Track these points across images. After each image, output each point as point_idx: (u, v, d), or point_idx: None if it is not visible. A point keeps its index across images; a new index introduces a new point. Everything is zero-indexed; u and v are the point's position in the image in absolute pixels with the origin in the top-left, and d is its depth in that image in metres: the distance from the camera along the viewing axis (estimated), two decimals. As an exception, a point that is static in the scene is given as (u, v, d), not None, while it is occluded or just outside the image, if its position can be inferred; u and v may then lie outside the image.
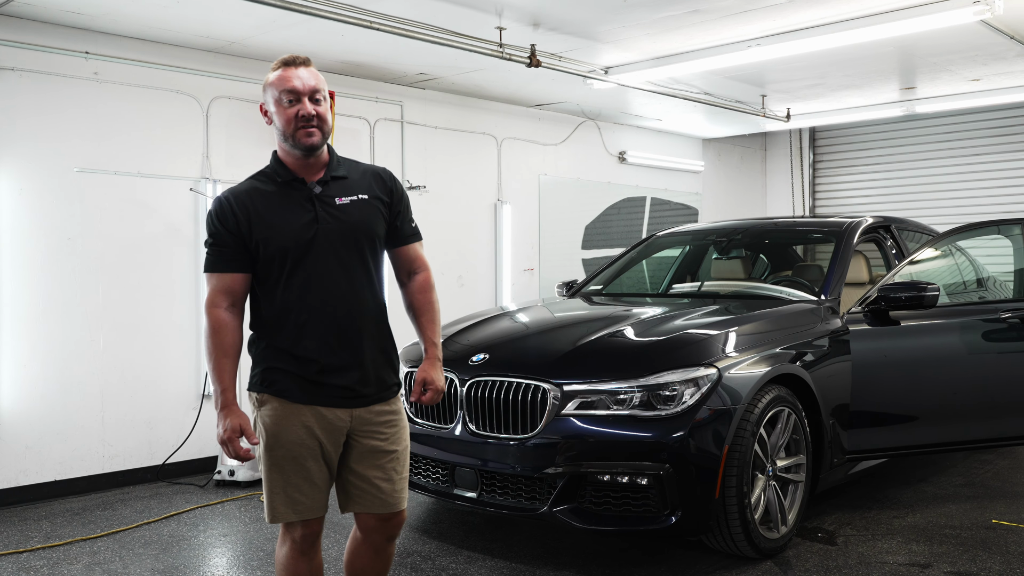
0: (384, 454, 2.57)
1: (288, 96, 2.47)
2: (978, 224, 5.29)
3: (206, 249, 2.55)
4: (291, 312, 2.49)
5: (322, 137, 2.51)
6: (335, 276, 2.50)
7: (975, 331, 4.89)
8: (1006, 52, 6.04)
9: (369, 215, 2.57)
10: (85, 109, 5.24)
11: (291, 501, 2.51)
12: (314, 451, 2.51)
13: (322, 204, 2.52)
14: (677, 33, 5.44)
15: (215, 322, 2.48)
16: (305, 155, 2.52)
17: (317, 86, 2.51)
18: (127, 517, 4.74)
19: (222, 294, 2.50)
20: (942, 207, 9.16)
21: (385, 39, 5.31)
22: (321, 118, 2.50)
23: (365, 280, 2.56)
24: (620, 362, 3.88)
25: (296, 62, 2.53)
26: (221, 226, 2.50)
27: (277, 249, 2.47)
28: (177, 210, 5.63)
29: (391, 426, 2.60)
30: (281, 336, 2.51)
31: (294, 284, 2.49)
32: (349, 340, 2.52)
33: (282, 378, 2.50)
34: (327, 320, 2.49)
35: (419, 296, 2.71)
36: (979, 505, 4.80)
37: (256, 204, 2.50)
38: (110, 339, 5.32)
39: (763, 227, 5.99)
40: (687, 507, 3.61)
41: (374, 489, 2.57)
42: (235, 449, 2.44)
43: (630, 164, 8.99)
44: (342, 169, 2.61)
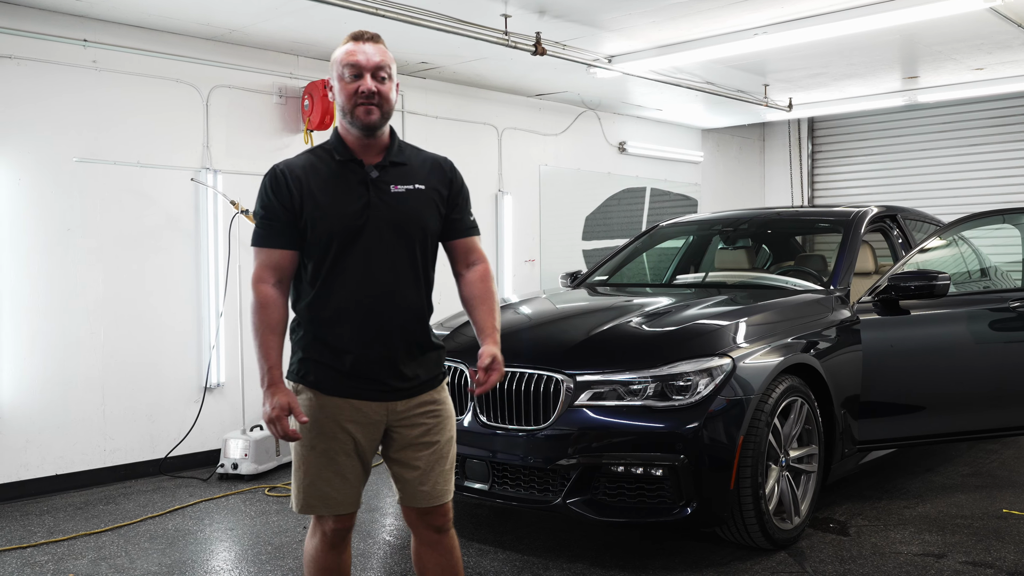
0: (424, 446, 2.49)
1: (351, 71, 2.37)
2: (985, 213, 5.26)
3: (255, 222, 2.45)
4: (331, 298, 2.40)
5: (382, 116, 2.40)
6: (380, 266, 2.40)
7: (985, 321, 4.86)
8: (1012, 40, 6.01)
9: (423, 207, 2.47)
10: (84, 98, 5.16)
11: (321, 495, 2.45)
12: (346, 445, 2.43)
13: (376, 190, 2.42)
14: (682, 21, 5.39)
15: (261, 297, 2.38)
16: (364, 134, 2.42)
17: (382, 63, 2.39)
18: (130, 511, 4.68)
19: (269, 269, 2.40)
20: (941, 197, 9.15)
21: (388, 27, 5.23)
22: (383, 96, 2.39)
23: (410, 273, 2.45)
24: (633, 352, 3.84)
25: (364, 37, 2.42)
26: (275, 198, 2.40)
27: (324, 232, 2.37)
28: (177, 201, 5.56)
29: (432, 416, 2.50)
30: (319, 322, 2.41)
31: (337, 270, 2.39)
32: (386, 333, 2.42)
33: (316, 369, 2.43)
34: (366, 311, 2.40)
35: (478, 284, 2.59)
36: (988, 495, 4.79)
37: (310, 180, 2.40)
38: (110, 331, 5.26)
39: (768, 217, 5.96)
40: (702, 498, 3.58)
41: (414, 481, 2.49)
42: (283, 428, 2.32)
43: (630, 154, 8.94)
44: (403, 155, 2.50)
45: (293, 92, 6.11)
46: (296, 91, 6.11)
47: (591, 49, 6.04)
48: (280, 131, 6.06)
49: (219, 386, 5.70)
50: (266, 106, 6.00)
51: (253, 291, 2.40)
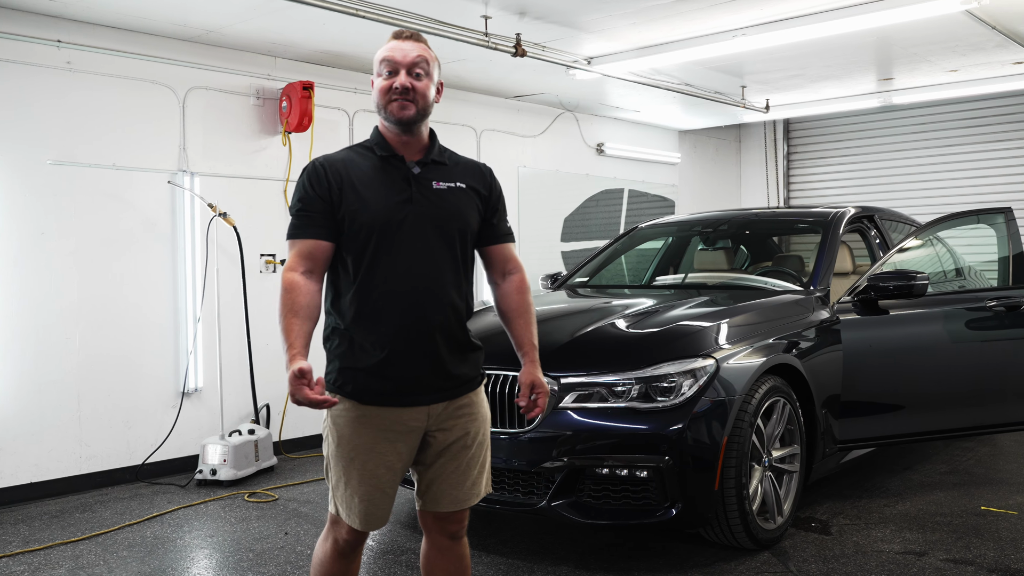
0: (460, 450, 2.45)
1: (386, 67, 2.36)
2: (960, 214, 5.32)
3: (292, 214, 2.39)
4: (372, 292, 2.33)
5: (417, 112, 2.36)
6: (421, 262, 2.35)
7: (962, 320, 4.92)
8: (986, 43, 6.08)
9: (466, 205, 2.45)
10: (58, 99, 5.08)
11: (363, 512, 2.39)
12: (387, 458, 2.37)
13: (419, 185, 2.39)
14: (662, 23, 5.40)
15: (287, 282, 2.29)
16: (401, 129, 2.39)
17: (419, 59, 2.37)
18: (108, 519, 4.61)
19: (300, 258, 2.32)
20: (916, 198, 9.25)
21: (366, 28, 5.21)
22: (418, 92, 2.35)
23: (451, 271, 2.41)
24: (617, 354, 3.84)
25: (404, 35, 2.42)
26: (312, 190, 2.35)
27: (364, 224, 2.32)
28: (153, 203, 5.49)
29: (469, 419, 2.46)
30: (356, 323, 2.34)
31: (377, 264, 2.33)
32: (428, 330, 2.36)
33: (355, 378, 2.36)
34: (407, 305, 2.34)
35: (516, 297, 2.56)
36: (966, 492, 4.83)
37: (351, 174, 2.37)
38: (86, 336, 5.18)
39: (748, 218, 5.99)
40: (687, 499, 3.58)
41: (444, 486, 2.45)
42: (304, 396, 2.12)
43: (608, 156, 8.96)
44: (443, 156, 2.49)
45: (271, 94, 6.05)
46: (274, 93, 6.06)
47: (570, 51, 6.04)
48: (258, 133, 6.01)
49: (197, 391, 5.64)
50: (243, 108, 5.94)
51: (282, 278, 2.32)
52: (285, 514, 4.63)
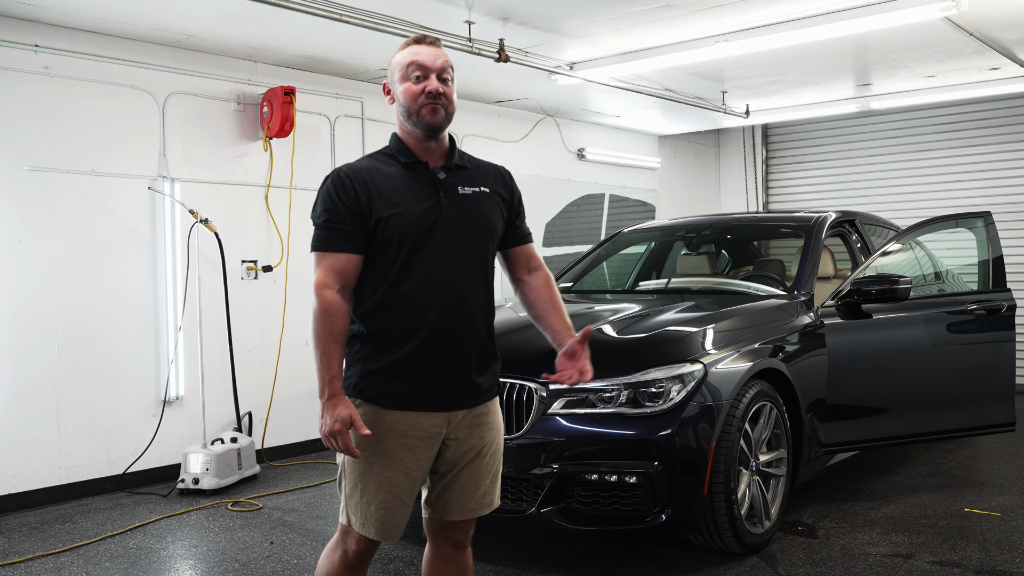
0: (476, 458, 2.42)
1: (416, 71, 2.35)
2: (941, 218, 5.37)
3: (316, 226, 2.34)
4: (399, 302, 2.31)
5: (446, 117, 2.37)
6: (451, 268, 2.34)
7: (943, 323, 4.97)
8: (963, 49, 6.14)
9: (491, 208, 2.45)
10: (35, 105, 5.01)
11: (379, 521, 2.35)
12: (406, 465, 2.33)
13: (445, 191, 2.38)
14: (645, 28, 5.41)
15: (326, 304, 2.26)
16: (427, 135, 2.38)
17: (446, 64, 2.38)
18: (89, 530, 4.54)
19: (334, 274, 2.29)
20: (892, 202, 9.32)
21: (348, 33, 5.18)
22: (448, 98, 2.36)
23: (479, 275, 2.40)
24: (605, 359, 3.80)
25: (426, 40, 2.41)
26: (340, 201, 2.31)
27: (396, 231, 2.30)
28: (133, 210, 5.42)
29: (486, 428, 2.44)
30: (384, 329, 2.32)
31: (409, 271, 2.31)
32: (459, 337, 2.35)
33: (378, 382, 2.33)
34: (439, 313, 2.31)
35: (546, 289, 2.56)
36: (949, 494, 4.88)
37: (377, 181, 2.34)
38: (65, 345, 5.10)
39: (730, 223, 6.01)
40: (676, 504, 3.58)
41: (456, 495, 2.42)
42: (344, 443, 2.22)
43: (589, 161, 8.97)
44: (464, 160, 2.48)
45: (251, 99, 6.01)
46: (254, 98, 6.01)
47: (553, 56, 6.04)
48: (238, 138, 5.95)
49: (178, 399, 5.57)
50: (224, 113, 5.89)
51: (317, 297, 2.27)
52: (270, 523, 4.59)
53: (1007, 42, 6.06)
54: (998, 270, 5.19)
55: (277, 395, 6.07)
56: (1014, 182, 8.64)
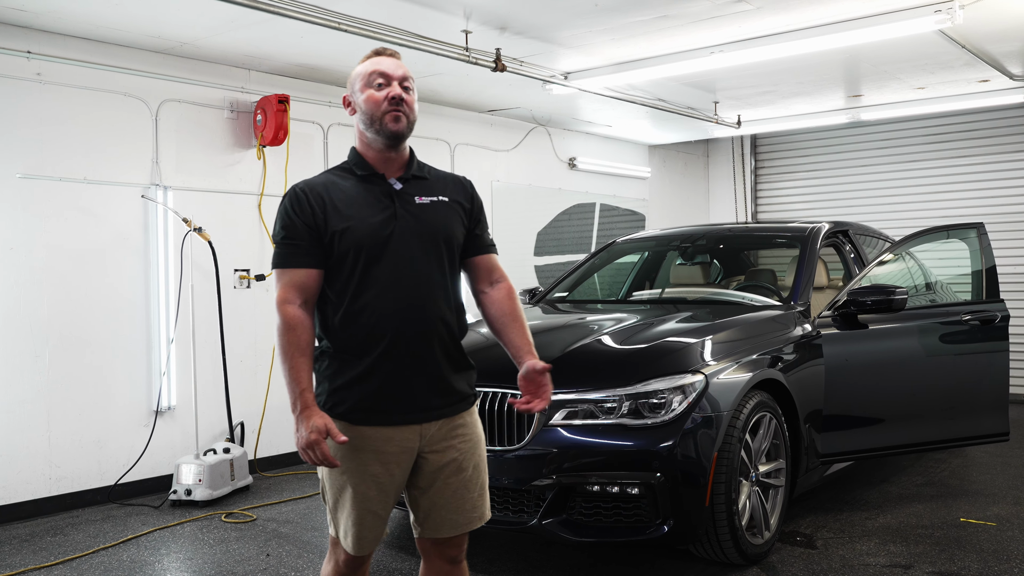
0: (454, 472, 2.40)
1: (378, 78, 2.36)
2: (934, 229, 5.41)
3: (276, 243, 2.36)
4: (362, 313, 2.31)
5: (407, 125, 2.38)
6: (409, 278, 2.34)
7: (939, 334, 4.99)
8: (954, 61, 6.20)
9: (450, 218, 2.43)
10: (27, 112, 4.95)
11: (357, 536, 2.36)
12: (380, 479, 2.33)
13: (402, 201, 2.38)
14: (642, 39, 5.43)
15: (289, 318, 2.28)
16: (388, 144, 2.38)
17: (407, 75, 2.41)
18: (81, 542, 4.48)
19: (294, 290, 2.31)
20: (880, 212, 9.38)
21: (344, 42, 5.16)
22: (409, 106, 2.38)
23: (440, 285, 2.38)
24: (606, 370, 3.82)
25: (386, 52, 2.45)
26: (297, 217, 2.33)
27: (352, 244, 2.31)
28: (125, 218, 5.37)
29: (463, 440, 2.42)
30: (346, 342, 2.33)
31: (366, 283, 2.31)
32: (420, 347, 2.33)
33: (346, 399, 2.33)
34: (398, 323, 2.31)
35: (507, 302, 2.52)
36: (944, 504, 4.89)
37: (332, 196, 2.36)
38: (56, 354, 5.04)
39: (725, 233, 6.02)
40: (678, 516, 3.57)
41: (440, 510, 2.41)
42: (322, 453, 2.22)
43: (580, 170, 8.98)
44: (422, 171, 2.48)
45: (245, 107, 5.97)
46: (248, 106, 5.98)
47: (548, 65, 6.04)
48: (232, 146, 5.92)
49: (170, 409, 5.52)
50: (217, 121, 5.85)
51: (279, 313, 2.29)
52: (265, 535, 4.54)
53: (997, 54, 6.12)
54: (991, 281, 5.22)
55: (270, 405, 6.02)
56: (1002, 193, 8.72)
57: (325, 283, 2.36)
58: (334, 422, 2.30)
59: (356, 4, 4.62)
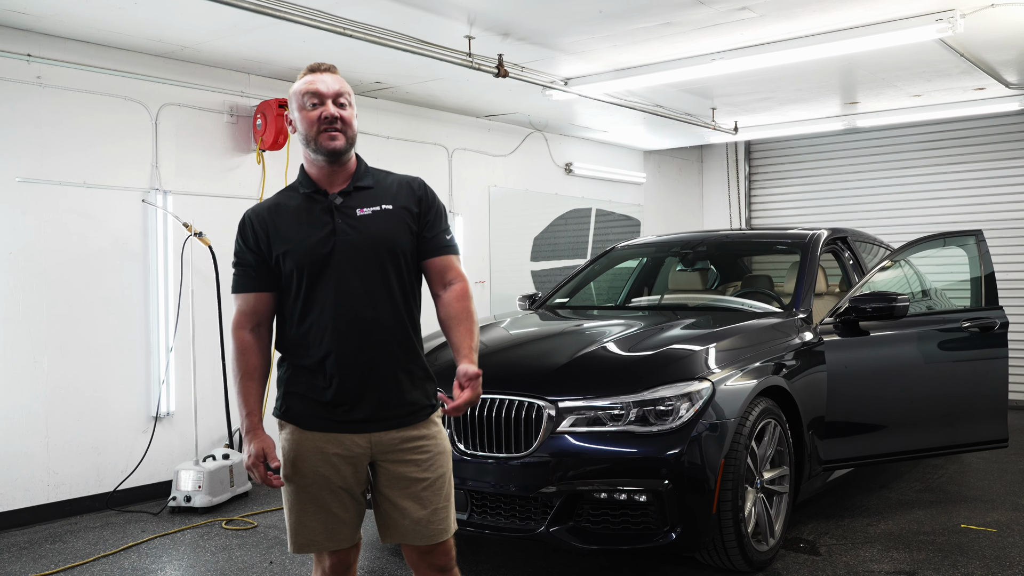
0: (415, 481, 2.41)
1: (311, 99, 2.37)
2: (934, 236, 5.43)
3: (232, 268, 2.45)
4: (308, 331, 2.38)
5: (346, 142, 2.38)
6: (352, 292, 2.36)
7: (939, 341, 5.01)
8: (952, 69, 6.24)
9: (391, 226, 2.42)
10: (27, 115, 4.92)
11: (308, 533, 2.41)
12: (330, 481, 2.38)
13: (341, 216, 2.39)
14: (643, 45, 5.44)
15: (239, 343, 2.41)
16: (329, 160, 2.39)
17: (341, 90, 2.41)
18: (81, 550, 4.44)
19: (246, 315, 2.43)
20: (874, 219, 9.43)
21: (346, 47, 5.15)
22: (345, 122, 2.38)
23: (386, 296, 2.39)
24: (612, 378, 3.82)
25: (321, 68, 2.44)
26: (243, 244, 2.44)
27: (293, 265, 2.37)
28: (125, 222, 5.34)
29: (422, 452, 2.42)
30: (299, 356, 2.41)
31: (311, 301, 2.37)
32: (366, 360, 2.36)
33: (297, 403, 2.41)
34: (341, 339, 2.35)
35: (455, 304, 2.46)
36: (944, 510, 4.91)
37: (276, 219, 2.42)
38: (55, 359, 5.00)
39: (725, 239, 6.04)
40: (686, 523, 3.57)
41: (405, 519, 2.41)
42: (260, 475, 2.36)
43: (576, 176, 8.99)
44: (368, 179, 2.47)
45: (244, 111, 5.95)
46: (247, 110, 5.96)
47: (548, 71, 6.05)
48: (231, 151, 5.89)
49: (169, 415, 5.48)
50: (216, 125, 5.83)
51: (232, 337, 2.43)
52: (267, 542, 4.52)
53: (994, 63, 6.17)
54: (990, 288, 5.25)
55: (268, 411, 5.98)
56: (997, 200, 8.77)
57: (279, 304, 2.44)
58: (286, 425, 2.42)
59: (360, 9, 4.62)
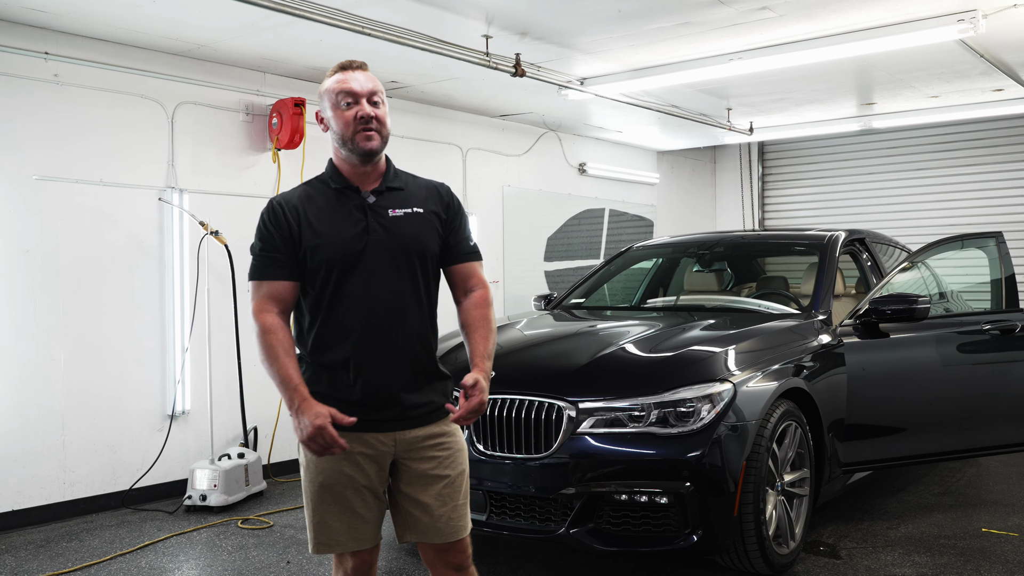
0: (435, 479, 2.40)
1: (346, 98, 2.35)
2: (953, 238, 5.38)
3: (253, 255, 2.40)
4: (334, 326, 2.35)
5: (381, 141, 2.38)
6: (381, 291, 2.35)
7: (960, 343, 4.96)
8: (971, 70, 6.20)
9: (422, 229, 2.42)
10: (44, 113, 4.92)
11: (330, 532, 2.38)
12: (353, 480, 2.36)
13: (374, 215, 2.38)
14: (661, 45, 5.41)
15: (266, 324, 2.32)
16: (363, 161, 2.38)
17: (375, 88, 2.39)
18: (98, 548, 4.44)
19: (270, 300, 2.35)
20: (888, 220, 9.39)
21: (363, 45, 5.13)
22: (380, 121, 2.37)
23: (413, 297, 2.39)
24: (633, 379, 3.80)
25: (352, 66, 2.41)
26: (274, 230, 2.37)
27: (324, 259, 2.34)
28: (141, 220, 5.34)
29: (442, 448, 2.42)
30: (321, 353, 2.37)
31: (339, 297, 2.34)
32: (391, 359, 2.36)
33: (320, 402, 2.34)
34: (370, 337, 2.34)
35: (474, 311, 2.47)
36: (964, 514, 4.87)
37: (307, 210, 2.38)
38: (71, 357, 5.00)
39: (742, 240, 6.00)
40: (707, 526, 3.55)
41: (426, 516, 2.40)
42: (330, 436, 2.20)
43: (590, 176, 8.96)
44: (398, 180, 2.47)
45: (260, 110, 5.94)
46: (263, 109, 5.95)
47: (564, 71, 6.03)
48: (247, 149, 5.89)
49: (185, 413, 5.48)
50: (232, 124, 5.82)
51: (256, 320, 2.34)
52: (283, 541, 4.50)
53: (1014, 64, 6.12)
54: (1011, 290, 5.21)
55: (283, 410, 5.98)
56: (1012, 202, 8.72)
57: (300, 296, 2.40)
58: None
59: (378, 8, 4.60)
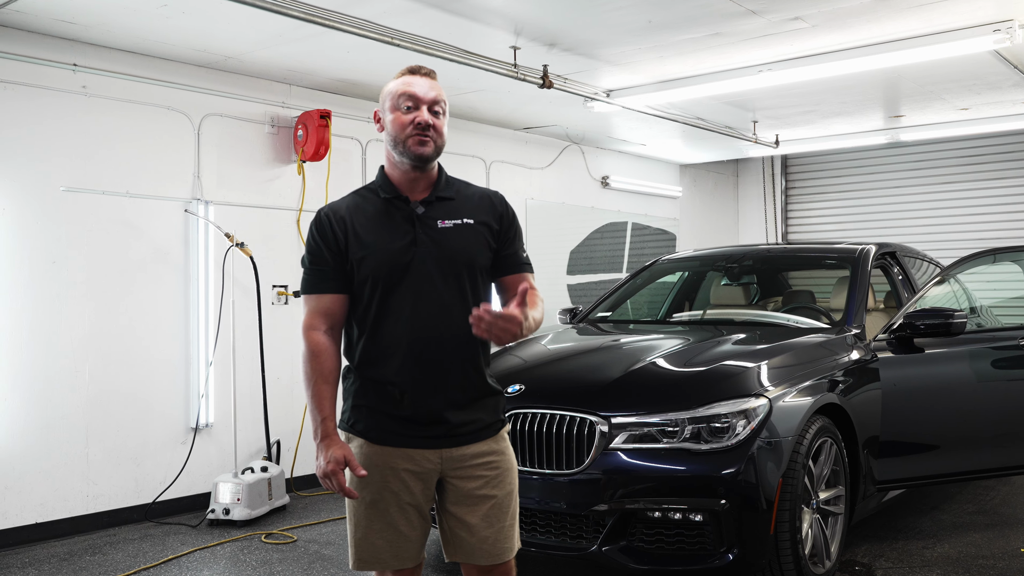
0: (482, 499, 2.34)
1: (407, 101, 2.31)
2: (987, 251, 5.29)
3: (303, 268, 2.36)
4: (381, 339, 2.30)
5: (435, 150, 2.32)
6: (429, 304, 2.29)
7: (996, 358, 4.86)
8: (1003, 82, 6.11)
9: (472, 241, 2.36)
10: (72, 124, 4.92)
11: (373, 550, 2.33)
12: (399, 497, 2.30)
13: (423, 226, 2.32)
14: (690, 56, 5.36)
15: (313, 345, 2.30)
16: (414, 166, 2.33)
17: (438, 97, 2.34)
18: (121, 562, 4.40)
19: (320, 316, 2.32)
20: (913, 234, 9.27)
21: (391, 57, 5.11)
22: (437, 131, 2.32)
23: (461, 311, 2.30)
24: (666, 394, 3.73)
25: (421, 71, 2.38)
26: (322, 242, 2.33)
27: (369, 272, 2.29)
28: (167, 232, 5.33)
29: (490, 468, 2.35)
30: (368, 367, 2.32)
31: (386, 310, 2.29)
32: (439, 374, 2.30)
33: (367, 417, 2.33)
34: (417, 351, 2.28)
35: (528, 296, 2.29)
36: (1000, 534, 4.76)
37: (355, 220, 2.33)
38: (96, 369, 4.98)
39: (771, 253, 5.92)
40: (743, 544, 3.47)
41: (471, 537, 2.34)
42: (339, 484, 2.22)
43: (613, 189, 8.91)
44: (450, 190, 2.41)
45: (285, 122, 5.93)
46: (288, 121, 5.94)
47: (591, 83, 5.99)
48: (272, 161, 5.87)
49: (208, 426, 5.44)
50: (258, 136, 5.81)
51: (304, 339, 2.31)
52: (308, 557, 4.45)
53: (1046, 75, 6.04)
54: (1048, 304, 5.11)
55: (307, 424, 5.94)
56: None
57: (351, 306, 2.35)
58: (354, 438, 2.33)
59: (407, 19, 4.58)
